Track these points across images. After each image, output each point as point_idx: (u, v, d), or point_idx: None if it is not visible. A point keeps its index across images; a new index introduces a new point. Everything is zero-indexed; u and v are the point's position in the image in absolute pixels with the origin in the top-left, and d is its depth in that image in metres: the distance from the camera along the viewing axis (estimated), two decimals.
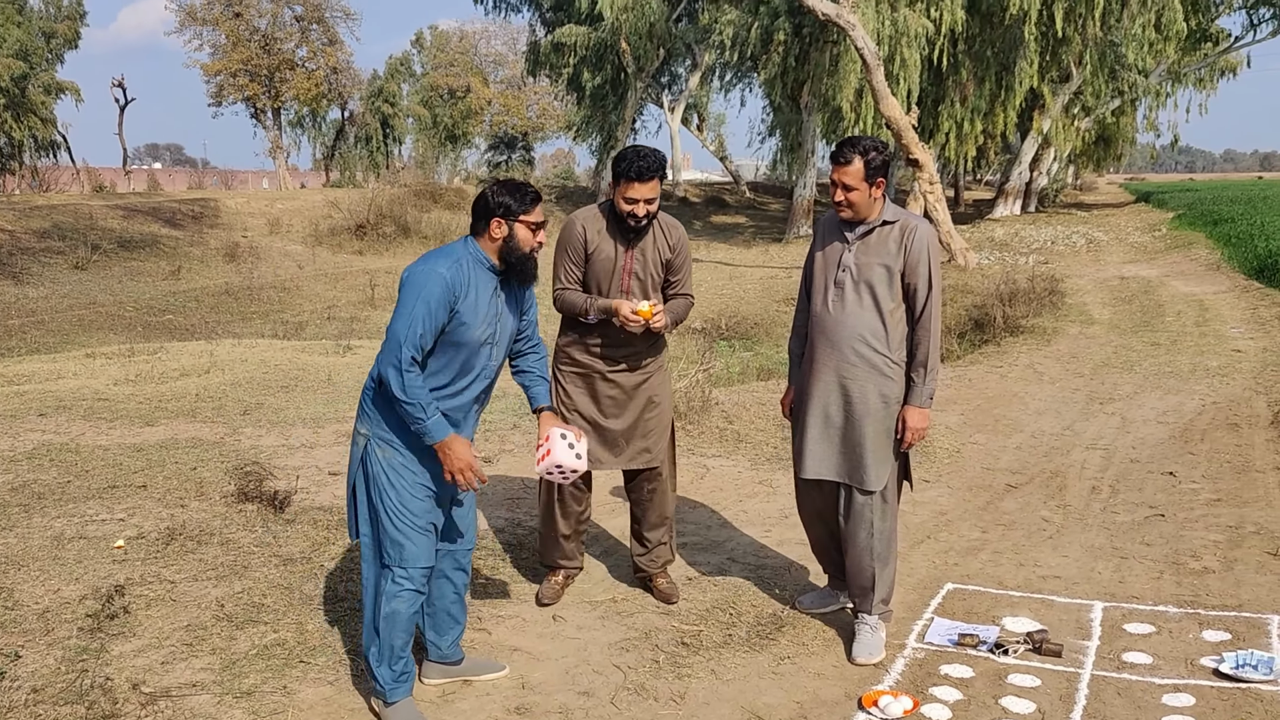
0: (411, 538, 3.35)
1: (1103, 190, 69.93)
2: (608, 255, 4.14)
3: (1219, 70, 41.06)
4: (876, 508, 3.94)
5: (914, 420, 3.88)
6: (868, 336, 3.85)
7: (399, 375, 3.21)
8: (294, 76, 43.82)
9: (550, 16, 35.54)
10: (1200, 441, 6.91)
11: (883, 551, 3.98)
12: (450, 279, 3.25)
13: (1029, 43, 27.68)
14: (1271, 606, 4.28)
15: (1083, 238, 25.65)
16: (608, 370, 4.25)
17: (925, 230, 3.86)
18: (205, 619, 4.13)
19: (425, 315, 3.21)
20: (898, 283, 3.84)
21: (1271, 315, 12.28)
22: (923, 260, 3.81)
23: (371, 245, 23.20)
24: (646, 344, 4.27)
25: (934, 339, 3.86)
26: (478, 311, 3.34)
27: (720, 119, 56.52)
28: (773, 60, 27.73)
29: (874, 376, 3.86)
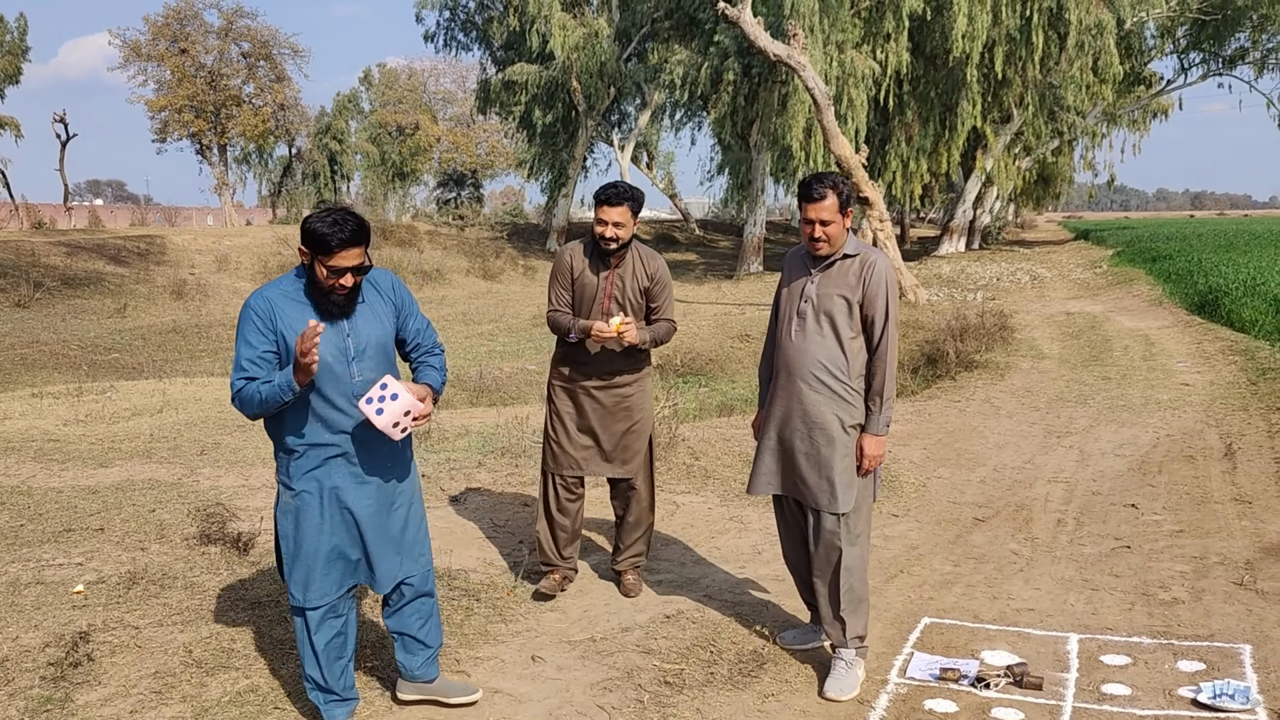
0: (315, 577, 3.43)
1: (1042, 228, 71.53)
2: (589, 281, 4.67)
3: (1151, 112, 42.29)
4: (844, 535, 3.98)
5: (870, 448, 3.99)
6: (828, 364, 3.97)
7: (239, 396, 3.29)
8: (240, 113, 43.46)
9: (501, 55, 35.67)
10: (1158, 474, 7.03)
11: (852, 583, 4.00)
12: (260, 303, 3.31)
13: (971, 84, 28.35)
14: (1242, 636, 4.34)
15: (1027, 274, 26.13)
16: (591, 386, 4.73)
17: (884, 264, 3.97)
18: (174, 665, 4.02)
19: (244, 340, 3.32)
20: (857, 313, 3.96)
21: (1215, 350, 12.56)
22: (880, 293, 3.93)
23: None
24: (627, 364, 4.73)
25: (890, 369, 3.98)
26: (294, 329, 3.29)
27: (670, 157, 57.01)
28: (722, 99, 28.07)
29: (835, 402, 3.97)
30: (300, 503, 3.40)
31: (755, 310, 19.28)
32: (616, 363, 4.71)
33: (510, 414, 9.00)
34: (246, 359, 3.25)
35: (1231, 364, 11.41)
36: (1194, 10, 35.27)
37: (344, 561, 3.48)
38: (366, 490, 3.46)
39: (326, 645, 3.50)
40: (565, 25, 30.60)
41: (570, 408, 4.78)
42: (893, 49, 26.91)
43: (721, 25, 27.26)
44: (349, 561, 3.49)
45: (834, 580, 4.00)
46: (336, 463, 3.40)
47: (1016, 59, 28.56)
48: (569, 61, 30.84)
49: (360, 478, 3.44)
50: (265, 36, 43.76)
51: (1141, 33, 36.70)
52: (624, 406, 4.76)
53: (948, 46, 26.91)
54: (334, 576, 3.46)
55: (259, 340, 3.26)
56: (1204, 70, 41.81)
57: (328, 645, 3.51)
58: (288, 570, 3.49)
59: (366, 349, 3.38)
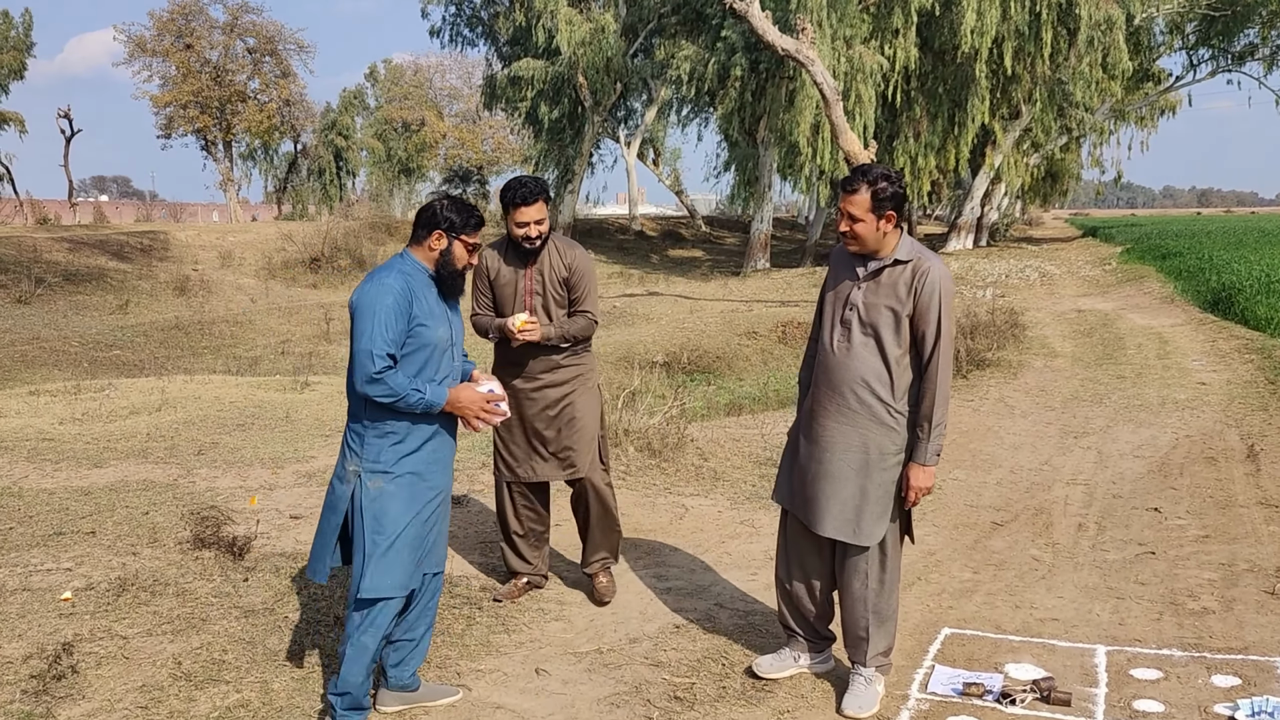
0: (398, 566, 3.47)
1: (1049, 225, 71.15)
2: (508, 279, 4.56)
3: (1159, 109, 42.03)
4: (873, 559, 3.74)
5: (917, 480, 3.65)
6: (871, 382, 3.63)
7: (380, 383, 3.36)
8: (246, 109, 43.33)
9: (507, 50, 35.46)
10: (1180, 476, 6.84)
11: (879, 604, 3.77)
12: (399, 286, 3.44)
13: (980, 80, 28.08)
14: (1278, 648, 4.15)
15: (1035, 271, 25.90)
16: (527, 389, 4.58)
17: (939, 272, 3.58)
18: (161, 678, 3.85)
19: (386, 324, 3.38)
20: (905, 327, 3.59)
21: (1230, 348, 12.36)
22: (933, 305, 3.55)
23: (326, 278, 22.83)
24: (561, 362, 4.60)
25: (941, 391, 3.59)
26: (433, 313, 3.53)
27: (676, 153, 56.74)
28: (730, 95, 27.88)
29: (874, 426, 3.64)
30: (397, 487, 3.48)
31: (763, 307, 19.10)
32: (548, 362, 4.58)
33: None
34: (389, 341, 3.39)
35: (1248, 363, 11.21)
36: (1203, 6, 35.01)
37: (421, 547, 3.58)
38: (447, 474, 3.67)
39: (379, 643, 3.52)
40: (571, 20, 30.39)
41: (512, 412, 4.49)
42: (901, 44, 26.68)
43: (729, 20, 27.07)
44: (425, 547, 3.60)
45: (862, 605, 3.75)
46: (432, 445, 3.56)
47: (1025, 55, 28.28)
48: (575, 57, 30.62)
49: (444, 462, 3.64)
50: (270, 32, 43.62)
51: (1150, 28, 36.43)
52: (563, 405, 4.60)
53: (956, 42, 26.65)
54: (414, 561, 3.55)
55: (398, 323, 3.42)
56: (1213, 66, 41.52)
57: (379, 643, 3.53)
58: (367, 559, 3.45)
59: (459, 341, 3.69)
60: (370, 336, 3.36)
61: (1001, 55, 27.61)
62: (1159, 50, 39.39)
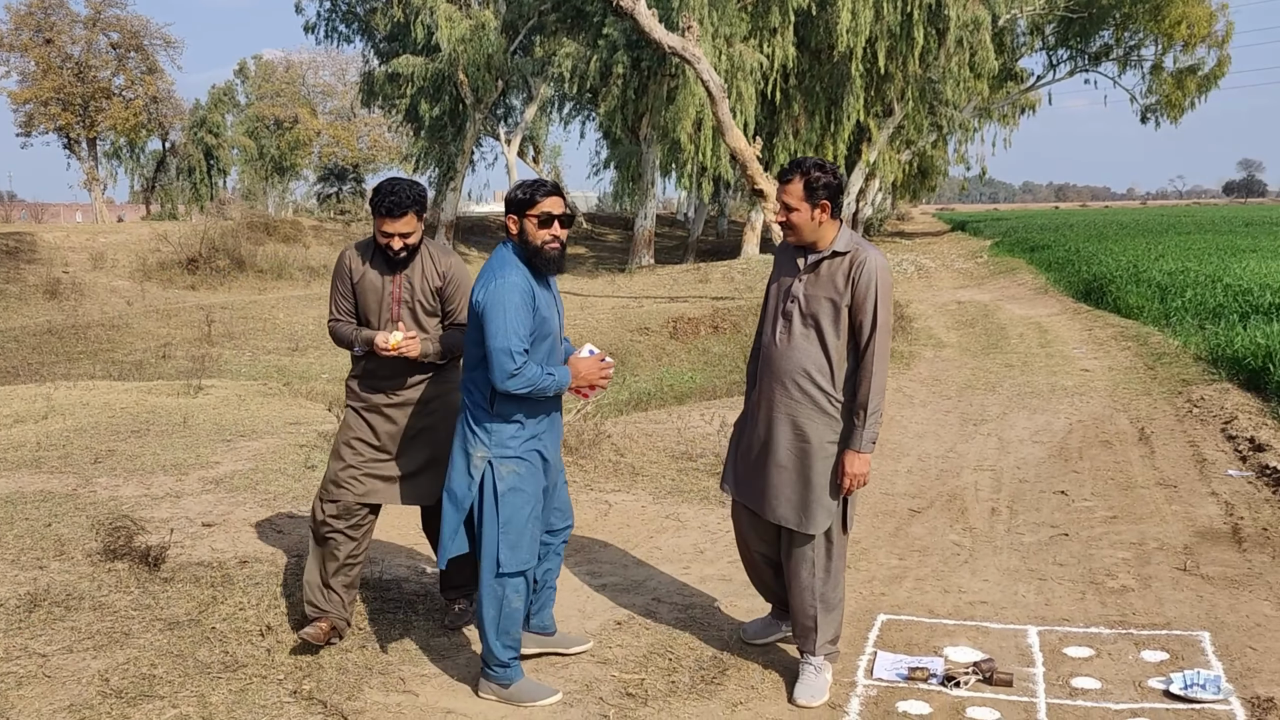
0: (526, 541, 3.68)
1: (919, 220, 73.50)
2: (374, 285, 4.09)
3: (1021, 107, 43.80)
4: (820, 547, 3.78)
5: (853, 466, 3.67)
6: (812, 372, 3.68)
7: (518, 377, 3.50)
8: (111, 105, 41.53)
9: (385, 47, 34.78)
10: (1080, 460, 7.11)
11: (826, 593, 3.81)
12: (522, 283, 3.57)
13: (855, 79, 28.73)
14: (1198, 623, 4.34)
15: (912, 265, 26.65)
16: (389, 404, 4.12)
17: (876, 263, 3.64)
18: (89, 696, 3.64)
19: (517, 320, 3.51)
20: (845, 318, 3.64)
21: (1107, 335, 12.93)
22: (870, 295, 3.60)
23: (205, 280, 22.02)
24: (429, 378, 4.14)
25: (878, 380, 3.64)
26: (548, 303, 3.68)
27: (556, 150, 56.61)
28: (612, 93, 27.91)
29: (817, 415, 3.69)
30: (526, 469, 3.67)
31: (652, 303, 19.18)
32: (416, 377, 4.11)
33: None
34: (521, 337, 3.53)
35: (1125, 349, 11.73)
36: (1062, 8, 36.57)
37: (546, 514, 3.88)
38: (559, 443, 3.86)
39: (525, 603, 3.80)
40: (451, 17, 29.99)
41: (366, 430, 4.09)
42: (779, 43, 27.11)
43: (610, 18, 27.10)
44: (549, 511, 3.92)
45: (809, 594, 3.80)
46: (549, 421, 3.74)
47: (898, 54, 29.05)
48: (455, 54, 30.23)
49: (559, 434, 3.84)
50: (136, 27, 41.90)
51: (1014, 29, 37.88)
52: (428, 426, 4.12)
53: (832, 41, 27.25)
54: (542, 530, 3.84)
55: (526, 317, 3.56)
56: (1071, 67, 43.48)
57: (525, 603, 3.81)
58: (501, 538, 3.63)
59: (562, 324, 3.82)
60: (505, 334, 3.49)
61: (875, 54, 28.30)
62: (1021, 51, 41.01)
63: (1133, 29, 40.13)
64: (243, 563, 5.10)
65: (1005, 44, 37.14)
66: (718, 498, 6.25)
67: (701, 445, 7.37)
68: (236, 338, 15.79)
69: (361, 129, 54.80)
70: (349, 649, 4.11)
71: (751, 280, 22.76)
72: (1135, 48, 41.64)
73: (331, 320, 4.17)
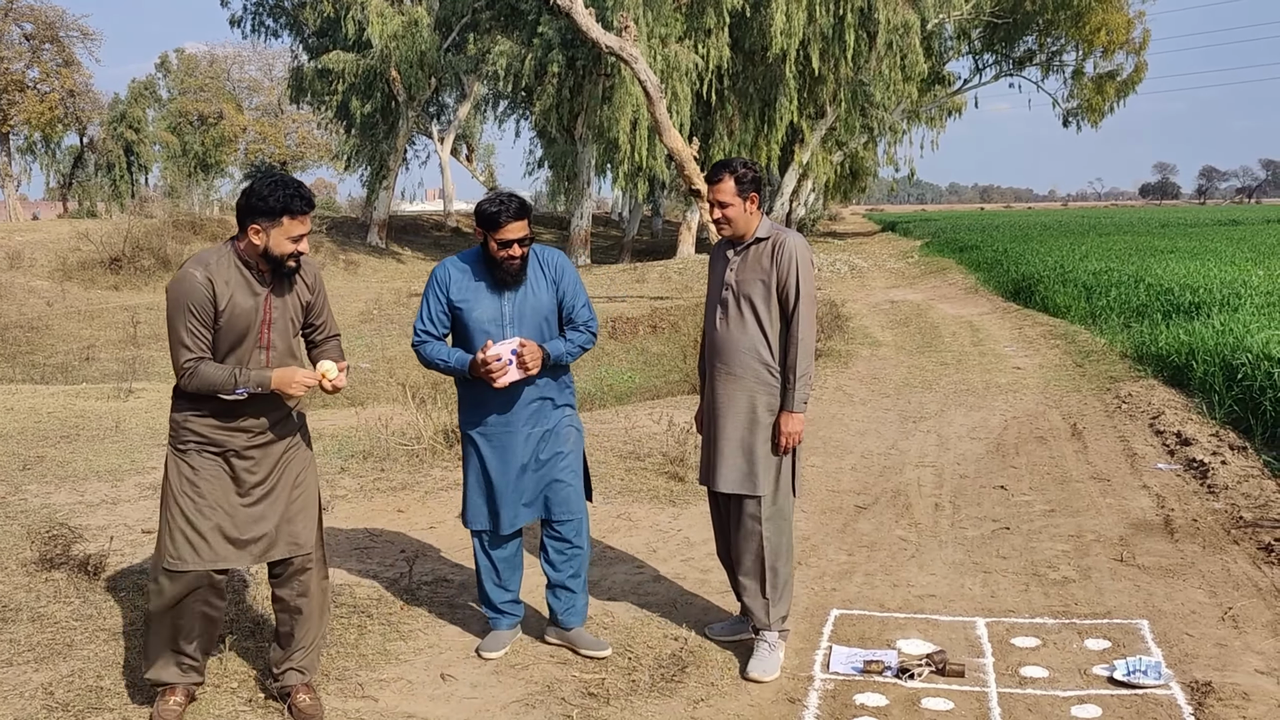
0: (470, 501, 4.09)
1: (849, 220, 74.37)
2: (244, 308, 3.38)
3: (947, 110, 44.62)
4: (767, 518, 4.00)
5: (787, 425, 3.98)
6: (757, 348, 3.99)
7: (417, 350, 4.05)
8: (25, 99, 40.36)
9: (314, 42, 34.27)
10: (1016, 455, 7.28)
11: (775, 564, 4.02)
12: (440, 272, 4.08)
13: (789, 80, 29.02)
14: (1137, 611, 4.48)
15: (845, 265, 27.00)
16: (245, 446, 3.46)
17: (795, 243, 3.97)
18: (34, 710, 3.56)
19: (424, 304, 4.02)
20: (774, 294, 3.95)
21: (1036, 334, 13.24)
22: (792, 271, 3.93)
23: (129, 280, 21.51)
24: (285, 411, 3.55)
25: (805, 345, 3.96)
26: (479, 294, 4.02)
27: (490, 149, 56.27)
28: (547, 92, 27.85)
29: (759, 386, 3.99)
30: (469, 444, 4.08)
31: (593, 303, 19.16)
32: (273, 412, 3.50)
33: (365, 415, 8.57)
34: (425, 317, 3.99)
35: (1055, 348, 12.03)
36: (988, 13, 37.30)
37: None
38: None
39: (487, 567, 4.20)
40: (383, 13, 29.67)
41: (218, 479, 3.43)
42: (714, 44, 27.27)
43: (545, 17, 27.05)
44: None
45: (758, 563, 4.02)
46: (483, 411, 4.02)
47: (830, 56, 29.39)
48: (387, 50, 29.92)
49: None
50: (51, 17, 40.83)
51: (941, 34, 38.54)
52: (289, 460, 3.59)
53: (766, 43, 27.48)
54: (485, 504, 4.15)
55: (435, 304, 3.98)
56: (996, 71, 44.39)
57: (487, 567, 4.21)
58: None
59: (522, 317, 3.96)
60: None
61: (808, 56, 28.60)
62: (948, 55, 41.73)
63: (1055, 35, 41.10)
64: None
65: (933, 48, 37.78)
66: (668, 497, 6.29)
67: (649, 445, 7.40)
68: (164, 339, 15.39)
69: (289, 126, 53.98)
70: None
71: (688, 280, 22.88)
72: (1057, 53, 42.66)
73: (190, 360, 3.30)
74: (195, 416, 3.40)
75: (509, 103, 36.53)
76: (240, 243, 3.40)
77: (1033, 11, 38.91)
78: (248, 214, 3.34)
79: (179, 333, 3.31)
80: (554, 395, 4.10)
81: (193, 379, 3.30)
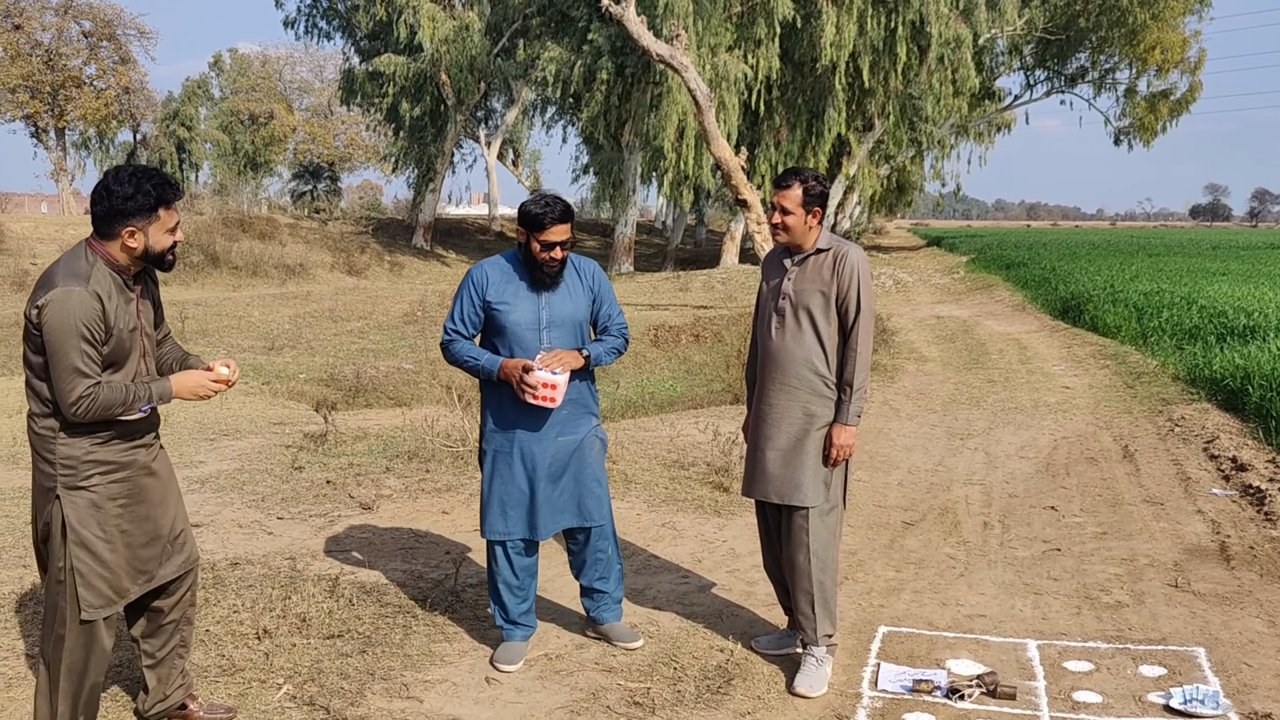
0: (490, 510, 4.05)
1: (893, 234, 74.01)
2: (126, 318, 3.13)
3: (996, 126, 44.23)
4: (815, 530, 3.95)
5: (840, 438, 3.94)
6: (812, 360, 3.95)
7: (444, 348, 4.07)
8: (81, 95, 41.09)
9: (366, 45, 34.61)
10: (1067, 476, 7.16)
11: (822, 578, 3.98)
12: (477, 273, 4.06)
13: (837, 92, 28.91)
14: (1194, 639, 4.38)
15: (890, 279, 26.81)
16: (150, 459, 3.28)
17: (856, 256, 3.95)
18: None
19: (457, 304, 4.07)
20: (833, 306, 3.93)
21: (1086, 354, 13.05)
22: (853, 284, 3.90)
23: (178, 275, 21.78)
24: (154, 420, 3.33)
25: (862, 358, 3.93)
26: (517, 298, 4.03)
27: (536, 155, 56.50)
28: (595, 99, 27.91)
29: (813, 397, 3.95)
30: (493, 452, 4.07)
31: (633, 310, 19.16)
32: (153, 423, 3.32)
33: (409, 416, 8.61)
34: (456, 317, 4.02)
35: (1105, 368, 11.85)
36: (1041, 29, 36.98)
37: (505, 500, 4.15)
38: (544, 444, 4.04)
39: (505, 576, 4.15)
40: (435, 17, 29.91)
41: (132, 505, 3.20)
42: (763, 54, 27.23)
43: (596, 24, 27.12)
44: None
45: (806, 577, 3.97)
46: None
47: (880, 69, 29.24)
48: (438, 54, 30.15)
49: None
50: (109, 15, 41.56)
51: (993, 49, 38.25)
52: (169, 466, 3.41)
53: (816, 54, 27.41)
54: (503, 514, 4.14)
55: (469, 304, 4.00)
56: (1048, 87, 44.01)
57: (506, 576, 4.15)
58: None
59: (557, 321, 3.98)
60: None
61: (858, 69, 28.48)
62: (1000, 70, 41.43)
63: (1108, 52, 40.69)
64: (234, 564, 5.06)
65: (984, 63, 37.50)
66: (713, 507, 6.25)
67: (694, 454, 7.37)
68: (211, 335, 15.62)
69: (338, 127, 54.53)
70: (349, 654, 4.07)
71: (732, 290, 22.82)
72: (1110, 71, 42.23)
73: (90, 386, 3.00)
74: (97, 445, 3.10)
75: (556, 109, 36.71)
76: (109, 248, 3.08)
77: (1086, 28, 38.55)
78: (117, 218, 3.04)
79: (70, 360, 2.96)
80: (583, 402, 4.10)
81: (93, 406, 3.00)
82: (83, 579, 3.08)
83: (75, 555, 3.07)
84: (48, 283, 3.00)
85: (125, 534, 3.17)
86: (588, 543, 4.16)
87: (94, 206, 3.05)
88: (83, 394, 2.97)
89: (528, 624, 4.17)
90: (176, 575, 3.36)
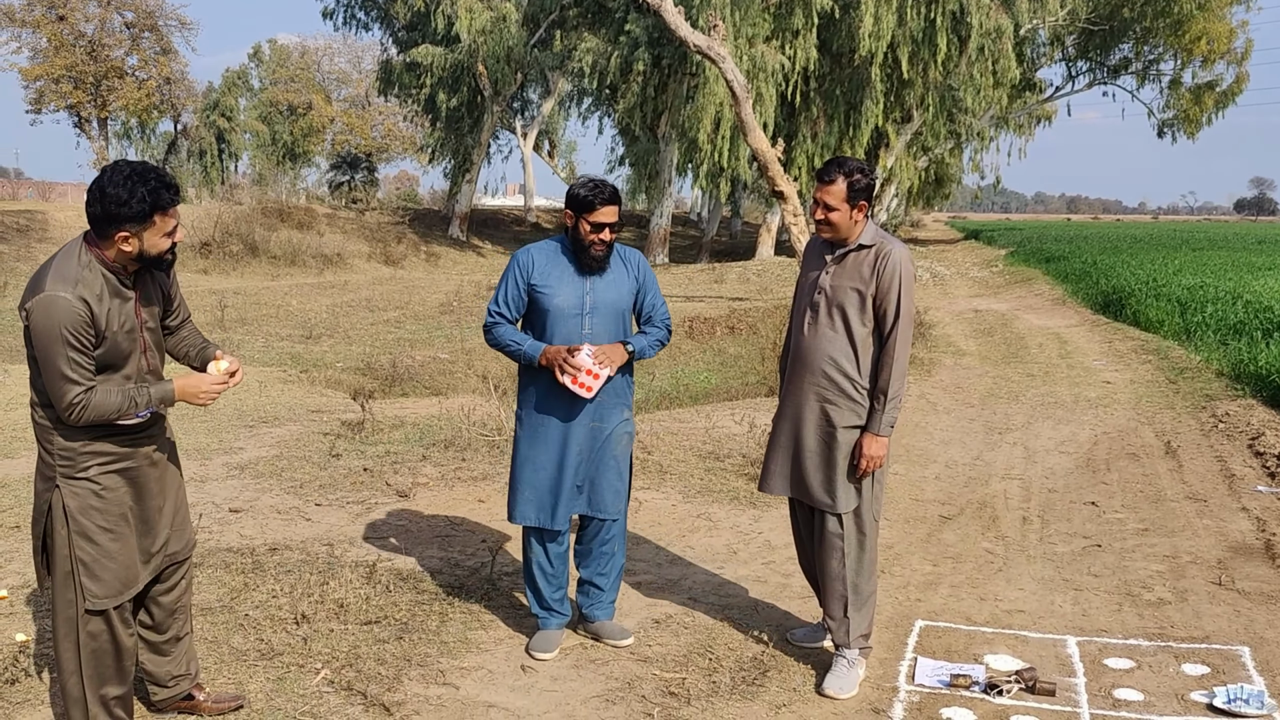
0: (520, 496, 4.06)
1: (931, 227, 73.37)
2: (122, 319, 3.03)
3: (1037, 117, 43.71)
4: (849, 534, 3.87)
5: (870, 448, 3.78)
6: (840, 360, 3.80)
7: (488, 331, 4.08)
8: (123, 85, 41.57)
9: (403, 36, 34.79)
10: (1108, 471, 7.07)
11: (856, 581, 3.88)
12: (523, 257, 4.09)
13: (875, 83, 28.67)
14: (1237, 637, 4.31)
15: (927, 272, 26.59)
16: (154, 451, 3.23)
17: (900, 255, 3.76)
18: None
19: (502, 287, 4.06)
20: (870, 307, 3.76)
21: (1127, 348, 12.88)
22: (894, 285, 3.72)
23: (218, 264, 22.05)
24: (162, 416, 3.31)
25: (898, 366, 3.76)
26: (561, 282, 4.04)
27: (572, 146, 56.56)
28: (632, 90, 27.90)
29: (842, 400, 3.81)
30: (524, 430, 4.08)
31: (668, 301, 19.11)
32: (157, 420, 3.26)
33: (445, 405, 8.64)
34: (501, 299, 4.02)
35: (1146, 363, 11.69)
36: (1083, 20, 36.48)
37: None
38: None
39: (539, 565, 4.16)
40: (472, 8, 30.00)
41: (130, 495, 3.14)
42: (801, 45, 27.07)
43: (633, 15, 27.08)
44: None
45: (840, 581, 3.88)
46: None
47: (919, 60, 28.95)
48: (475, 45, 30.24)
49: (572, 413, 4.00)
50: (150, 6, 41.99)
51: (1034, 39, 37.77)
52: (172, 467, 3.36)
53: (854, 45, 27.18)
54: (537, 500, 4.13)
55: (514, 287, 4.01)
56: (1090, 79, 43.39)
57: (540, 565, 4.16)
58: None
59: (600, 308, 3.98)
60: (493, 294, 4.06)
61: (897, 60, 28.23)
62: (1041, 61, 40.90)
63: (1153, 43, 40.03)
64: (273, 550, 5.10)
65: (1025, 54, 37.04)
66: (748, 499, 6.23)
67: (729, 445, 7.34)
68: (250, 323, 15.78)
69: (376, 118, 54.82)
70: (386, 640, 4.09)
71: (767, 282, 22.75)
72: (1154, 62, 41.53)
73: (80, 393, 2.92)
74: (96, 438, 3.04)
75: (593, 100, 36.65)
76: (105, 251, 2.99)
77: (1130, 19, 37.96)
78: (110, 222, 2.92)
79: (57, 366, 2.89)
80: (618, 394, 4.07)
81: (85, 413, 2.92)
82: (87, 569, 3.04)
83: (78, 545, 3.03)
84: (36, 286, 2.93)
85: (127, 522, 3.13)
86: (597, 534, 4.13)
87: (89, 207, 2.94)
88: (73, 400, 2.90)
89: (562, 611, 4.16)
90: (173, 562, 3.33)
